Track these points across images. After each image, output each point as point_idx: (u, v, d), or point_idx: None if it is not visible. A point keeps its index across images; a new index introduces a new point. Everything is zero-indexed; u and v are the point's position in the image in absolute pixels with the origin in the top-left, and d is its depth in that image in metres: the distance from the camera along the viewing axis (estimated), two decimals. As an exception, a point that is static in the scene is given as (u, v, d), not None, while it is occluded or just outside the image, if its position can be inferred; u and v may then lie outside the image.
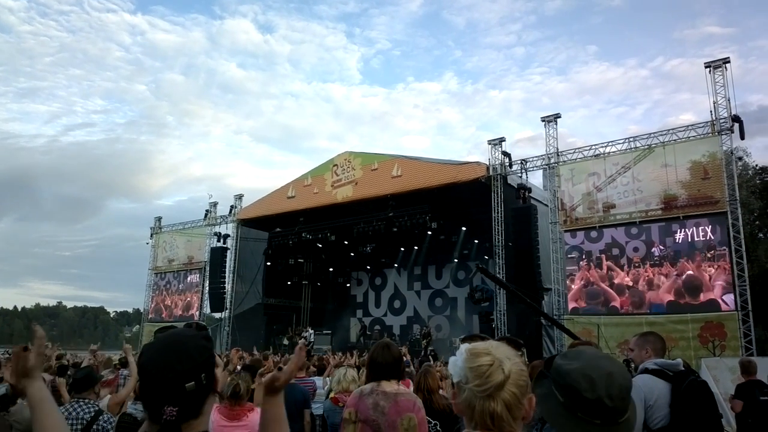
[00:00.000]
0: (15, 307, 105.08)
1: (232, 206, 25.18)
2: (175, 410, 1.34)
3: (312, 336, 22.86)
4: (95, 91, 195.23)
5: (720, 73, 14.51)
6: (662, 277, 14.59)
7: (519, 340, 3.43)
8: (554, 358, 1.53)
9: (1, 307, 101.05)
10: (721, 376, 10.89)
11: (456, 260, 25.07)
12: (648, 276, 14.81)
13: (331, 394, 4.42)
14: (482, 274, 12.14)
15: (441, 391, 4.59)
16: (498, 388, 1.28)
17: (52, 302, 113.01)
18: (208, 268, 24.64)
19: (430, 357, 14.22)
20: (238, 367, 5.89)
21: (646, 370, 3.23)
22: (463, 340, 3.73)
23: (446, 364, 10.06)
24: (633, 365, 3.57)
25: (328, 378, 7.25)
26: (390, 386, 3.08)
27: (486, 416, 1.28)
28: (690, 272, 14.17)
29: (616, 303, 15.10)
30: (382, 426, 2.94)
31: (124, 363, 8.46)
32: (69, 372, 7.44)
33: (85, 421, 4.11)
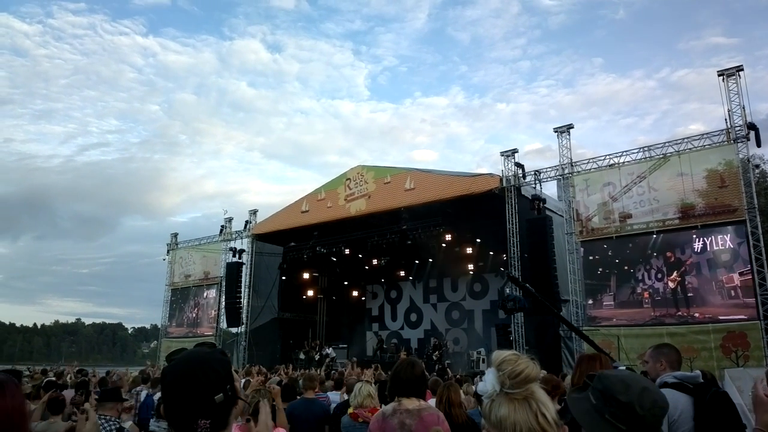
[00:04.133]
0: (35, 324, 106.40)
1: (246, 221, 25.37)
2: (208, 422, 1.41)
3: (333, 352, 22.92)
4: (109, 111, 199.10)
5: (733, 81, 14.40)
6: (682, 287, 14.39)
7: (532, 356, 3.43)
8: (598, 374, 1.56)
9: (21, 325, 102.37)
10: (745, 386, 10.67)
11: (471, 272, 24.95)
12: (668, 286, 14.63)
13: (350, 410, 4.42)
14: (512, 282, 12.10)
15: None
16: (529, 381, 1.28)
17: (71, 319, 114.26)
18: (224, 284, 24.78)
19: (448, 371, 14.14)
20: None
21: (665, 384, 3.19)
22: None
23: (463, 377, 9.96)
24: (648, 378, 3.54)
25: (345, 394, 7.26)
26: (411, 403, 3.09)
27: (529, 418, 1.26)
28: (710, 281, 13.97)
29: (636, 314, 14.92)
30: None
31: (145, 379, 8.56)
32: (91, 388, 7.55)
33: (108, 439, 4.16)
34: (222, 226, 26.10)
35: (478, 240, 22.71)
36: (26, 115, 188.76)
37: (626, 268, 15.38)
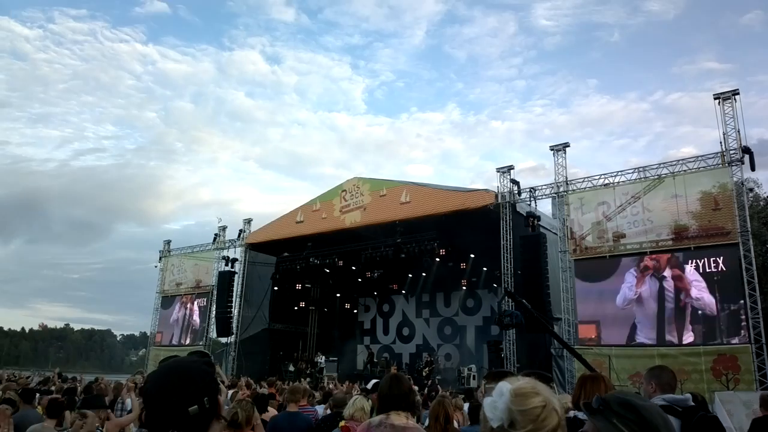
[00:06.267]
0: (22, 328, 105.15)
1: (240, 230, 25.26)
2: None
3: (324, 362, 22.70)
4: (106, 117, 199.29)
5: (729, 105, 14.52)
6: (675, 309, 14.38)
7: (547, 374, 3.37)
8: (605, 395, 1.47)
9: (9, 329, 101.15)
10: (735, 410, 10.64)
11: (464, 288, 24.88)
12: (660, 307, 14.61)
13: (342, 423, 4.37)
14: (509, 297, 12.06)
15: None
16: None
17: (60, 324, 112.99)
18: (215, 292, 24.60)
19: (438, 387, 14.05)
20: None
21: (655, 406, 3.16)
22: (490, 378, 3.57)
23: (454, 393, 9.88)
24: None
25: (329, 409, 7.16)
26: (399, 419, 3.05)
27: None
28: (702, 303, 13.96)
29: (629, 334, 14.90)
30: None
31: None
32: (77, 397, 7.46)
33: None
34: (215, 235, 25.98)
35: (472, 255, 22.69)
36: (23, 119, 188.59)
37: (619, 288, 15.35)
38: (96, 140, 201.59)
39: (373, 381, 6.36)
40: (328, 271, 23.92)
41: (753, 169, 14.41)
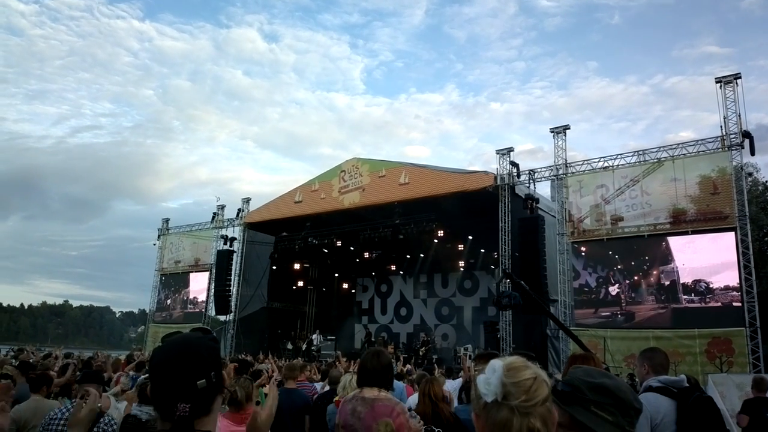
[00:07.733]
0: (21, 304, 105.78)
1: (239, 209, 25.24)
2: (188, 407, 1.40)
3: (319, 340, 22.85)
4: (103, 94, 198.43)
5: (731, 89, 14.44)
6: (671, 292, 14.48)
7: (530, 353, 3.43)
8: (571, 378, 1.49)
9: (8, 305, 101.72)
10: (728, 392, 10.78)
11: (462, 269, 25.01)
12: (656, 290, 14.71)
13: (336, 398, 4.45)
14: (508, 279, 12.14)
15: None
16: (542, 403, 1.25)
17: (59, 301, 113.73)
18: (214, 271, 24.69)
19: (435, 366, 14.18)
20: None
21: (650, 388, 3.21)
22: (479, 360, 3.73)
23: (445, 373, 9.97)
24: (637, 380, 3.56)
25: (327, 385, 7.24)
26: (370, 392, 3.12)
27: None
28: (698, 287, 14.06)
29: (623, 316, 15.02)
30: (359, 431, 2.99)
31: (130, 362, 8.51)
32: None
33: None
34: (214, 213, 25.98)
35: (470, 237, 22.75)
36: (20, 95, 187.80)
37: (616, 270, 15.45)
38: (93, 117, 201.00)
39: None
40: (326, 251, 23.98)
41: (753, 153, 14.40)
